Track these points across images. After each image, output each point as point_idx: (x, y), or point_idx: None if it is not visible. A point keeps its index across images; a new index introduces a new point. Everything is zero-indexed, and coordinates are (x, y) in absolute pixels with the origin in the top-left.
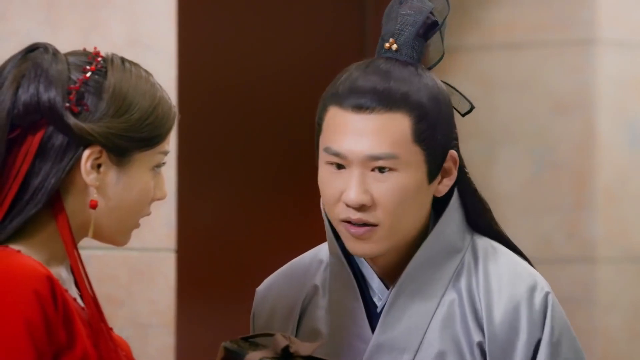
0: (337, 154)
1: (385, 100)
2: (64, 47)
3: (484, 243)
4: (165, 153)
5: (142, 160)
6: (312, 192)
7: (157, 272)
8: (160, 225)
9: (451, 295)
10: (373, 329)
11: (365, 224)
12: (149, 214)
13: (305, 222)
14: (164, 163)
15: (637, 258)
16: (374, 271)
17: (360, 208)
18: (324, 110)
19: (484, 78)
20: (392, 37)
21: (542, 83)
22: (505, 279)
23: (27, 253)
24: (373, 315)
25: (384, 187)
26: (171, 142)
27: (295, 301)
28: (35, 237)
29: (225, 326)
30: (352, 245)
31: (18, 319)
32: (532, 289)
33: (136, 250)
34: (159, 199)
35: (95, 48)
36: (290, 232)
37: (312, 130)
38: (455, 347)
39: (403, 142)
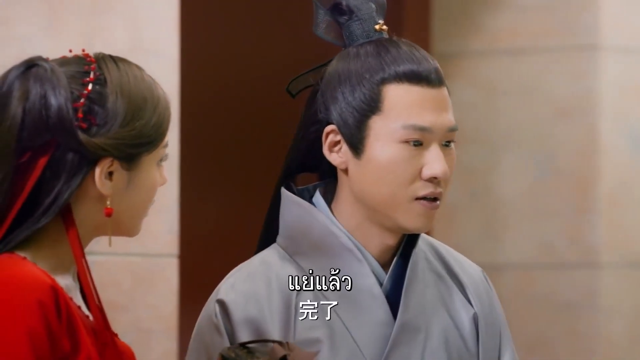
0: (422, 129)
1: (441, 74)
2: (66, 52)
3: None
4: (166, 145)
5: (150, 159)
6: None
7: (159, 278)
8: (162, 231)
9: (432, 276)
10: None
11: (435, 198)
12: (154, 202)
13: None
14: (167, 155)
15: None
16: (371, 255)
17: (438, 182)
18: (378, 90)
19: (487, 84)
20: (380, 18)
21: (544, 89)
22: (461, 259)
23: (33, 260)
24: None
25: (449, 160)
26: (174, 148)
27: (287, 299)
28: (43, 245)
29: None
30: (421, 222)
31: (20, 328)
32: (480, 269)
33: (139, 256)
34: (161, 185)
35: (83, 51)
36: None
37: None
38: (453, 322)
39: None
